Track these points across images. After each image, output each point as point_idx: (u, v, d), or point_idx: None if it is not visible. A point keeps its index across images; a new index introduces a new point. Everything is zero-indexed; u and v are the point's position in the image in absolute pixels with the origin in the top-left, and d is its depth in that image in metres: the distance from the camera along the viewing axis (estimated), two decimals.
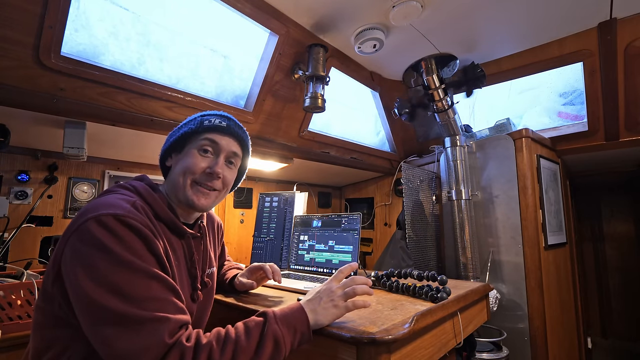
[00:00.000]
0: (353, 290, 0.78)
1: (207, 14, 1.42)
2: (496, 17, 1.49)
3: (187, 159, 0.80)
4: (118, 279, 0.59)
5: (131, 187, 0.76)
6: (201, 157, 0.81)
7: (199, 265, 0.85)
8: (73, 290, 0.60)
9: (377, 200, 2.79)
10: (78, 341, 0.62)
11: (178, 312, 0.63)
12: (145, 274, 0.62)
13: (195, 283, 0.83)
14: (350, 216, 1.51)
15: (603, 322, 3.33)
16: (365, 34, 1.50)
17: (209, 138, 0.81)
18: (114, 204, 0.65)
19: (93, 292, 0.57)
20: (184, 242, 0.82)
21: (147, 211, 0.72)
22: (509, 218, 1.75)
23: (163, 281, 0.64)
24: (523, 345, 1.62)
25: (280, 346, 0.66)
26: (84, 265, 0.59)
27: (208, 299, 0.92)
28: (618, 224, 3.34)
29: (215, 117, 0.84)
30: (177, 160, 0.82)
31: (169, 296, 0.64)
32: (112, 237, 0.60)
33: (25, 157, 1.51)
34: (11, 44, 0.99)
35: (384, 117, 2.27)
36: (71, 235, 0.62)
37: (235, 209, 2.28)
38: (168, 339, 0.58)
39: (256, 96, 1.60)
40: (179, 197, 0.80)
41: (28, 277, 1.17)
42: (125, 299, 0.58)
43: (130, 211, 0.65)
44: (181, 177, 0.79)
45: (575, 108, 1.97)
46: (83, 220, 0.62)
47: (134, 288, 0.59)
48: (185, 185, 0.79)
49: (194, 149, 0.81)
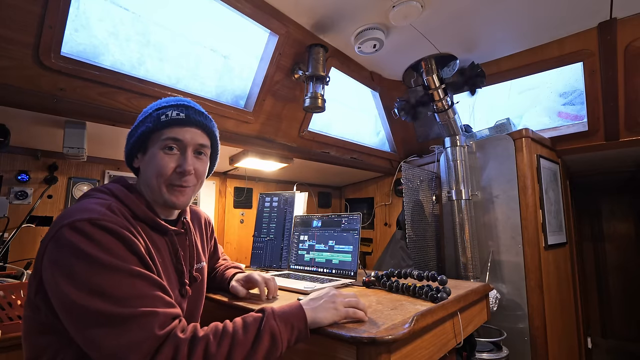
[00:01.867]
0: (356, 303, 0.82)
1: (207, 14, 1.42)
2: (496, 17, 1.49)
3: (155, 162, 0.77)
4: (100, 281, 0.58)
5: (107, 190, 0.75)
6: (168, 157, 0.78)
7: (185, 260, 0.85)
8: (55, 297, 0.59)
9: (377, 200, 2.79)
10: (67, 347, 0.62)
11: (167, 306, 0.63)
12: (127, 273, 0.61)
13: (183, 278, 0.83)
14: (350, 216, 1.51)
15: (603, 322, 3.33)
16: (365, 34, 1.50)
17: (171, 136, 0.77)
18: (88, 208, 0.65)
19: (75, 296, 0.56)
20: (167, 239, 0.82)
21: (124, 212, 0.71)
22: (509, 218, 1.75)
23: (147, 278, 0.63)
24: (523, 345, 1.62)
25: (277, 341, 0.67)
26: (64, 273, 0.58)
27: (199, 294, 0.91)
28: (618, 224, 3.34)
29: (171, 109, 0.78)
30: (144, 163, 0.80)
31: (155, 292, 0.63)
32: (88, 241, 0.60)
33: (25, 157, 1.51)
34: (11, 44, 0.99)
35: (384, 117, 2.27)
36: (48, 244, 0.61)
37: (235, 209, 2.28)
38: (158, 331, 0.58)
39: (256, 96, 1.61)
40: (156, 199, 0.80)
41: (28, 277, 1.17)
42: (110, 300, 0.57)
43: (105, 214, 0.65)
44: (154, 180, 0.78)
45: (575, 108, 1.97)
46: (58, 227, 0.61)
47: (118, 288, 0.59)
48: (160, 189, 0.78)
49: (158, 150, 0.77)
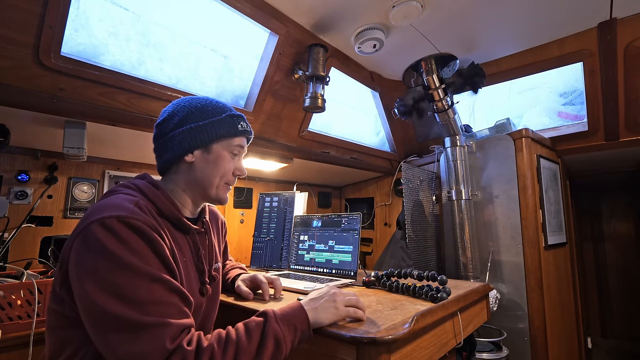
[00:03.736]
0: (356, 301, 0.83)
1: (207, 14, 1.42)
2: (496, 17, 1.49)
3: (222, 163, 0.83)
4: (120, 281, 0.59)
5: (134, 186, 0.76)
6: (232, 160, 0.86)
7: (205, 259, 0.86)
8: (77, 293, 0.61)
9: (377, 200, 2.79)
10: (90, 342, 0.63)
11: (181, 315, 0.64)
12: (149, 277, 0.62)
13: (204, 277, 0.84)
14: (350, 216, 1.51)
15: (603, 322, 3.33)
16: (365, 34, 1.50)
17: (241, 144, 0.87)
18: (117, 205, 0.66)
19: (96, 295, 0.58)
20: (189, 238, 0.83)
21: (150, 210, 0.72)
22: (509, 218, 1.75)
23: (166, 283, 0.64)
24: (523, 345, 1.62)
25: (281, 345, 0.67)
26: (88, 269, 0.59)
27: (216, 293, 0.93)
28: (618, 223, 3.34)
29: (241, 120, 0.87)
30: (203, 160, 0.82)
31: (172, 299, 0.64)
32: (116, 240, 0.61)
33: (25, 157, 1.51)
34: (11, 44, 0.99)
35: (384, 117, 2.27)
36: (76, 239, 0.62)
37: (235, 209, 2.28)
38: (169, 344, 0.59)
39: (256, 96, 1.61)
40: (209, 194, 0.84)
41: (28, 277, 1.16)
42: (127, 303, 0.58)
43: (134, 212, 0.65)
44: (216, 179, 0.83)
45: (575, 108, 1.97)
46: (87, 223, 0.62)
47: (136, 291, 0.59)
48: (219, 186, 0.84)
49: (227, 152, 0.84)
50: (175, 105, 0.85)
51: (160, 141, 0.84)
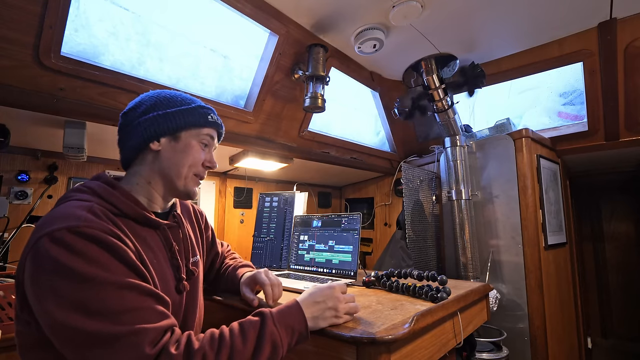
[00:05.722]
0: (355, 309, 0.82)
1: (207, 14, 1.42)
2: (496, 17, 1.49)
3: (191, 152, 0.79)
4: (84, 296, 0.54)
5: (87, 189, 0.70)
6: (202, 151, 0.82)
7: (180, 255, 0.81)
8: (40, 316, 0.56)
9: (377, 200, 2.79)
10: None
11: (159, 318, 0.60)
12: (114, 285, 0.57)
13: (179, 274, 0.79)
14: (350, 216, 1.51)
15: (603, 322, 3.33)
16: (365, 34, 1.50)
17: (210, 134, 0.83)
18: (67, 214, 0.60)
19: (60, 315, 0.53)
20: (160, 234, 0.78)
21: (107, 213, 0.66)
22: (509, 218, 1.75)
23: (136, 288, 0.59)
24: (523, 345, 1.62)
25: (278, 347, 0.65)
26: (45, 290, 0.54)
27: (196, 289, 0.87)
28: (618, 224, 3.34)
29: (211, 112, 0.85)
30: (171, 149, 0.78)
31: (145, 303, 0.60)
32: (69, 253, 0.55)
33: (25, 157, 1.51)
34: (11, 44, 0.99)
35: (384, 117, 2.27)
36: (27, 258, 0.57)
37: (235, 209, 2.28)
38: (150, 349, 0.55)
39: (256, 96, 1.61)
40: (176, 186, 0.79)
41: None
42: (96, 316, 0.54)
43: (86, 219, 0.60)
44: (185, 168, 0.79)
45: (575, 108, 1.97)
46: (36, 238, 0.57)
47: (104, 303, 0.55)
48: (187, 177, 0.80)
49: (196, 141, 0.80)
50: (142, 96, 0.82)
51: (125, 130, 0.80)
